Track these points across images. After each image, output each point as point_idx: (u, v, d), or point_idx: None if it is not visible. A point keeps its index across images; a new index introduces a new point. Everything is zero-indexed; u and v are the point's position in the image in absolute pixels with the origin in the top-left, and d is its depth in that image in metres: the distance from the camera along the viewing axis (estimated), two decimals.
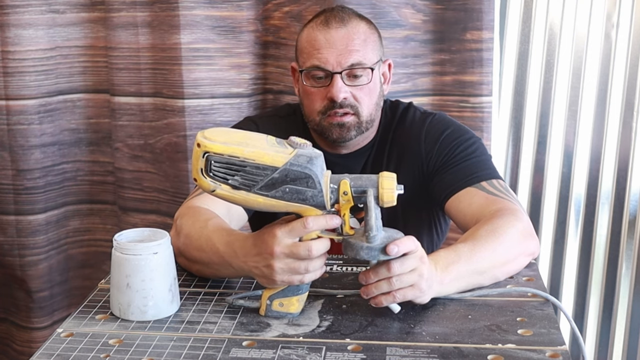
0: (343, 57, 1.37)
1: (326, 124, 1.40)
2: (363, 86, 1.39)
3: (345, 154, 1.48)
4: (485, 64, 1.79)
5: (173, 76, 1.87)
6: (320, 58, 1.38)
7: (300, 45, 1.43)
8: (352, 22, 1.40)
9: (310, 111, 1.42)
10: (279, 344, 1.02)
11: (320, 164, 1.03)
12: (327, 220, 1.04)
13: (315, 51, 1.38)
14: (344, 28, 1.38)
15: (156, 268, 1.09)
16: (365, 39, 1.40)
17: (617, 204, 1.89)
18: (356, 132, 1.41)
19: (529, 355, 0.97)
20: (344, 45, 1.37)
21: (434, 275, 1.09)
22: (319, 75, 1.39)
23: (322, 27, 1.39)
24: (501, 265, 1.20)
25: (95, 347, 1.02)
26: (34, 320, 2.04)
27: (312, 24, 1.42)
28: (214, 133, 1.04)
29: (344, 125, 1.39)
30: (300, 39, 1.44)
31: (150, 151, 1.96)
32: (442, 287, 1.12)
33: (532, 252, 1.27)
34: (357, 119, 1.40)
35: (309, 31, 1.42)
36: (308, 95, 1.41)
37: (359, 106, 1.39)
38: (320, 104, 1.40)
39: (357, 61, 1.37)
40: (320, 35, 1.39)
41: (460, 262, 1.14)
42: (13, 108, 1.92)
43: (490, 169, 1.40)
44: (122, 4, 1.88)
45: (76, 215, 2.07)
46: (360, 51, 1.38)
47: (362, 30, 1.40)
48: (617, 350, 1.95)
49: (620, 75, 1.84)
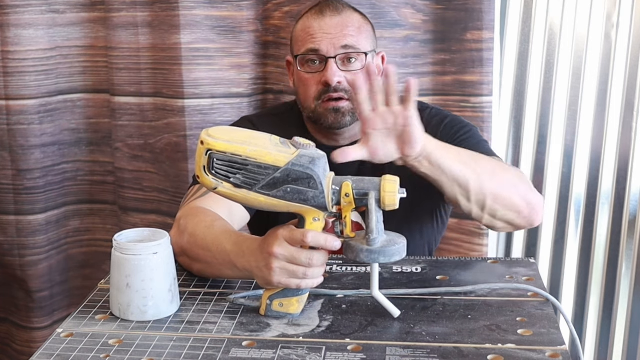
0: (337, 41, 1.40)
1: (321, 110, 1.42)
2: (357, 72, 1.41)
3: (343, 145, 1.48)
4: (485, 64, 1.79)
5: (173, 76, 1.87)
6: (314, 42, 1.41)
7: (295, 35, 1.46)
8: (347, 12, 1.44)
9: (306, 98, 1.44)
10: (278, 344, 1.02)
11: (322, 165, 1.03)
12: (326, 240, 1.05)
13: (310, 37, 1.41)
14: (339, 16, 1.42)
15: (156, 268, 1.09)
16: (359, 27, 1.43)
17: (617, 204, 1.89)
18: (351, 118, 1.42)
19: (529, 355, 0.97)
20: (338, 31, 1.40)
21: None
22: (313, 61, 1.41)
23: (316, 16, 1.43)
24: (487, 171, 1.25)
25: (95, 347, 1.02)
26: (34, 320, 2.04)
27: (307, 14, 1.46)
28: (218, 131, 1.04)
29: (339, 110, 1.41)
30: (295, 29, 1.47)
31: (151, 151, 1.96)
32: (429, 142, 1.20)
33: (530, 201, 1.30)
34: (351, 104, 1.41)
35: (304, 20, 1.45)
36: (303, 82, 1.44)
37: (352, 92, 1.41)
38: (315, 90, 1.41)
39: (351, 44, 1.40)
40: (315, 22, 1.42)
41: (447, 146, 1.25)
42: (13, 108, 1.92)
43: (490, 150, 1.43)
44: (122, 4, 1.88)
45: (76, 215, 2.07)
46: (355, 37, 1.41)
47: (356, 19, 1.44)
48: (617, 350, 1.95)
49: (620, 75, 1.84)
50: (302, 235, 1.04)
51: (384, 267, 1.27)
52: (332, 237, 1.05)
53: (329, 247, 1.05)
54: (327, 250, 1.06)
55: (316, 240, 1.04)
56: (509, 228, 1.33)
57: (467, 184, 1.23)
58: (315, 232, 1.05)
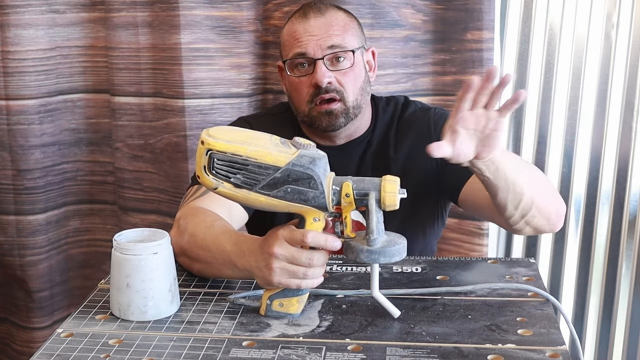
0: (323, 41, 1.40)
1: (315, 114, 1.42)
2: (347, 70, 1.41)
3: (339, 145, 1.49)
4: (485, 64, 1.79)
5: (173, 76, 1.86)
6: (300, 45, 1.41)
7: (283, 40, 1.47)
8: (330, 12, 1.44)
9: (299, 102, 1.44)
10: (278, 344, 1.02)
11: (322, 166, 1.03)
12: (326, 240, 1.05)
13: (296, 41, 1.41)
14: (322, 17, 1.42)
15: (156, 268, 1.09)
16: (344, 25, 1.43)
17: (617, 204, 1.89)
18: (344, 119, 1.42)
19: (529, 355, 0.97)
20: (323, 32, 1.40)
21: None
22: (302, 64, 1.41)
23: (301, 19, 1.43)
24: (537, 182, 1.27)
25: (95, 347, 1.02)
26: (34, 320, 2.04)
27: (292, 19, 1.46)
28: (218, 131, 1.04)
29: (331, 112, 1.41)
30: (282, 35, 1.48)
31: (151, 151, 1.95)
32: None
33: (559, 209, 1.32)
34: (343, 105, 1.41)
35: (289, 25, 1.45)
36: (294, 87, 1.44)
37: (344, 91, 1.41)
38: (307, 93, 1.41)
39: (337, 43, 1.40)
40: (300, 26, 1.42)
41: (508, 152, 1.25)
42: (13, 108, 1.92)
43: None
44: (122, 4, 1.88)
45: (76, 215, 2.07)
46: (340, 35, 1.41)
47: (340, 18, 1.44)
48: (617, 350, 1.95)
49: (620, 75, 1.84)
50: (302, 236, 1.04)
51: (384, 267, 1.27)
52: (332, 237, 1.05)
53: (329, 247, 1.05)
54: (327, 250, 1.06)
55: (316, 240, 1.04)
56: (533, 233, 1.34)
57: (522, 192, 1.22)
58: (315, 232, 1.05)
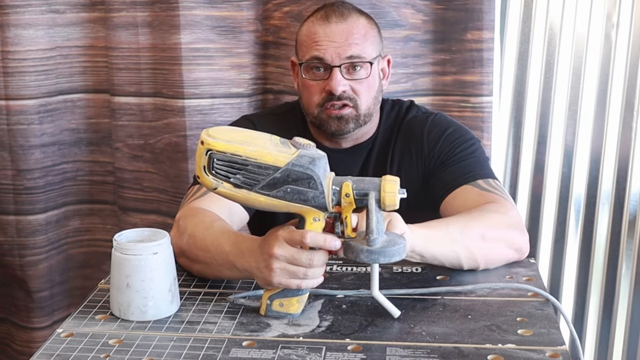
0: (342, 50, 1.38)
1: (324, 117, 1.41)
2: (362, 80, 1.40)
3: (345, 148, 1.48)
4: (485, 64, 1.79)
5: (173, 76, 1.87)
6: (319, 50, 1.39)
7: (300, 39, 1.44)
8: (352, 17, 1.41)
9: (309, 104, 1.43)
10: (279, 344, 1.02)
11: (322, 166, 1.03)
12: (326, 240, 1.04)
13: (315, 44, 1.39)
14: (344, 22, 1.39)
15: (156, 268, 1.09)
16: (364, 34, 1.41)
17: (617, 204, 1.89)
18: (354, 124, 1.42)
19: (529, 355, 0.97)
20: (343, 39, 1.38)
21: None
22: (318, 67, 1.40)
23: (322, 21, 1.40)
24: (476, 240, 1.21)
25: (95, 347, 1.02)
26: (34, 320, 2.04)
27: (312, 18, 1.43)
28: (218, 131, 1.04)
29: (342, 117, 1.40)
30: (300, 32, 1.45)
31: (150, 151, 1.96)
32: (416, 240, 1.14)
33: (519, 247, 1.28)
34: (355, 111, 1.41)
35: (309, 25, 1.43)
36: (307, 89, 1.42)
37: (357, 99, 1.40)
38: (319, 97, 1.41)
39: (356, 54, 1.39)
40: (320, 29, 1.40)
41: (431, 224, 1.21)
42: (13, 108, 1.92)
43: (488, 169, 1.42)
44: (122, 4, 1.88)
45: (76, 215, 2.07)
46: (360, 45, 1.39)
47: (361, 25, 1.41)
48: (617, 350, 1.95)
49: (620, 75, 1.84)
50: (302, 236, 1.04)
51: (384, 267, 1.27)
52: (332, 237, 1.05)
53: (328, 247, 1.05)
54: (327, 250, 1.06)
55: (315, 240, 1.04)
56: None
57: (459, 260, 1.22)
58: (315, 232, 1.05)
